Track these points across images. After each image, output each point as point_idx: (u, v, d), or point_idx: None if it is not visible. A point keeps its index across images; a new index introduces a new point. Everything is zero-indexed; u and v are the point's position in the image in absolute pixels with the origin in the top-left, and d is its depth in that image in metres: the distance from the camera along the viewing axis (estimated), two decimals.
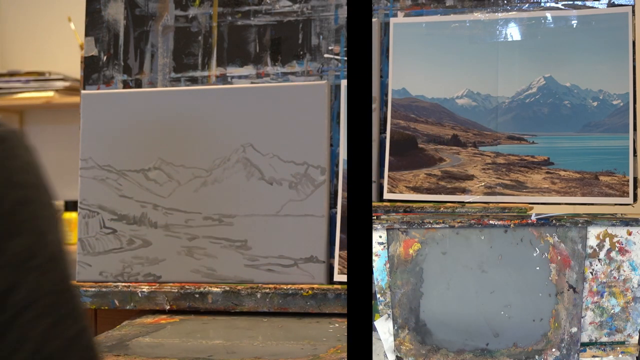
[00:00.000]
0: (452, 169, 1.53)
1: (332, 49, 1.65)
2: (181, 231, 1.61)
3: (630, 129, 1.46)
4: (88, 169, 1.67)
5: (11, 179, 0.72)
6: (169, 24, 1.72)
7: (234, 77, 1.69)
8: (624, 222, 1.25)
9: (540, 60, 1.52)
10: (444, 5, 1.59)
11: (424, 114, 1.57)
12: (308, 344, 1.32)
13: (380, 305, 1.28)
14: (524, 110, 1.53)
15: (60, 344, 0.69)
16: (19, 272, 0.68)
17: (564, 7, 1.53)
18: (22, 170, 0.75)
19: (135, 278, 1.63)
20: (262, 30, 1.68)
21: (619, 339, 1.24)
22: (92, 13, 1.76)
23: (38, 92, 3.73)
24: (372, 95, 1.56)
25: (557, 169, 1.48)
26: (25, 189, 0.74)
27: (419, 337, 1.27)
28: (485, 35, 1.54)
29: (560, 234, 1.25)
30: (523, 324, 1.25)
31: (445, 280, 1.27)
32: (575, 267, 1.24)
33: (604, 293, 1.24)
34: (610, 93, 1.49)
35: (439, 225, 1.27)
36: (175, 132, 1.64)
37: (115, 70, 1.74)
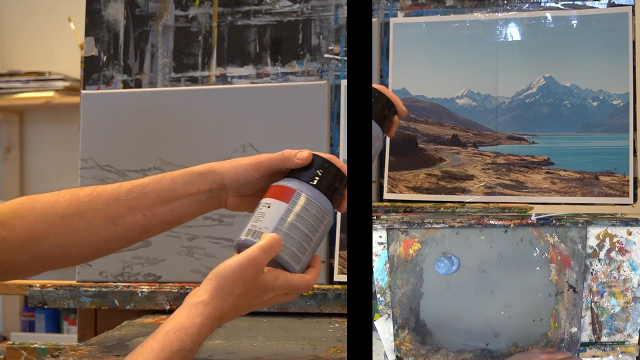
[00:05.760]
0: (452, 169, 1.53)
1: (332, 49, 1.65)
2: (181, 231, 1.61)
3: (630, 129, 1.46)
4: (88, 169, 1.67)
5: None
6: (169, 24, 1.72)
7: (234, 77, 1.69)
8: (624, 222, 1.25)
9: (540, 60, 1.53)
10: (444, 5, 1.59)
11: (424, 114, 1.57)
12: (308, 344, 1.32)
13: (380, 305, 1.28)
14: (524, 110, 1.53)
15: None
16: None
17: (564, 7, 1.53)
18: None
19: (135, 278, 1.63)
20: (262, 30, 1.68)
21: (619, 339, 1.24)
22: (92, 13, 1.76)
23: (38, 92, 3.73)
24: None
25: (557, 169, 1.48)
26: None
27: (419, 337, 1.27)
28: (485, 35, 1.54)
29: (560, 234, 1.25)
30: (523, 324, 1.25)
31: (445, 280, 1.27)
32: (575, 267, 1.24)
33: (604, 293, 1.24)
34: (610, 93, 1.49)
35: (439, 225, 1.27)
36: (175, 132, 1.64)
37: (115, 70, 1.74)
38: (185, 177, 1.15)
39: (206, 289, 1.05)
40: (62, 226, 1.15)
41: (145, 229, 1.16)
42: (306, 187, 1.12)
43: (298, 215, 1.10)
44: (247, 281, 1.05)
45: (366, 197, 1.05)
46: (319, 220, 1.12)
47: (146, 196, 1.15)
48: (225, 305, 1.04)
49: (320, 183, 1.13)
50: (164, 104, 1.66)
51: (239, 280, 1.05)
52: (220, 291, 1.04)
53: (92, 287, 1.60)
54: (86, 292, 1.60)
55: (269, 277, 1.07)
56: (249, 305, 1.08)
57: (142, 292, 1.57)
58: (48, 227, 1.15)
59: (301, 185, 1.12)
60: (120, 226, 1.15)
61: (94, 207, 1.15)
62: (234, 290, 1.05)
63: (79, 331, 1.71)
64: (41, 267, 1.19)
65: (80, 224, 1.15)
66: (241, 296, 1.05)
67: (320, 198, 1.12)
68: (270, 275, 1.08)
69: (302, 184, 1.12)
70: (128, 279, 1.63)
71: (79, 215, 1.15)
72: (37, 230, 1.15)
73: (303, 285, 1.11)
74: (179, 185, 1.15)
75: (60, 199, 1.16)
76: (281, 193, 1.11)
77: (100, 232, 1.15)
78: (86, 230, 1.15)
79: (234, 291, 1.05)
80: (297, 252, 1.10)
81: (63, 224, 1.15)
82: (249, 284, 1.05)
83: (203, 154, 1.62)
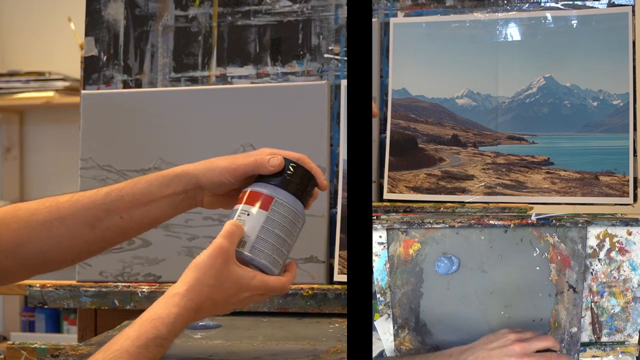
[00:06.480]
0: (452, 169, 1.53)
1: (332, 49, 1.65)
2: (181, 231, 1.61)
3: (630, 129, 1.46)
4: (88, 169, 1.67)
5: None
6: (169, 24, 1.73)
7: (234, 77, 1.69)
8: (624, 222, 1.25)
9: (540, 60, 1.53)
10: (444, 5, 1.59)
11: (424, 114, 1.57)
12: (308, 344, 1.32)
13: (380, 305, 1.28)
14: (524, 110, 1.53)
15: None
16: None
17: (564, 7, 1.53)
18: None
19: (135, 278, 1.63)
20: (262, 30, 1.68)
21: (619, 339, 1.24)
22: (92, 13, 1.76)
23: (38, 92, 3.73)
24: (372, 95, 1.56)
25: (557, 169, 1.48)
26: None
27: (419, 337, 1.27)
28: (485, 35, 1.54)
29: (560, 234, 1.25)
30: (523, 324, 1.25)
31: (445, 280, 1.27)
32: (575, 267, 1.24)
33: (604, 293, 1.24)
34: (610, 93, 1.49)
35: (439, 225, 1.27)
36: (175, 132, 1.64)
37: (115, 70, 1.74)
38: (160, 180, 1.19)
39: (184, 281, 1.09)
40: (44, 232, 1.18)
41: (123, 230, 1.20)
42: (283, 194, 1.16)
43: (277, 222, 1.14)
44: (219, 270, 1.09)
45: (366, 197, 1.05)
46: (294, 224, 1.16)
47: (123, 199, 1.18)
48: (201, 297, 1.08)
49: (295, 188, 1.17)
50: (164, 104, 1.66)
51: (211, 270, 1.09)
52: (197, 283, 1.08)
53: (92, 287, 1.60)
54: (86, 292, 1.60)
55: (246, 275, 1.11)
56: (225, 301, 1.11)
57: (142, 292, 1.57)
58: (31, 233, 1.18)
59: (278, 192, 1.15)
60: (99, 229, 1.19)
61: (73, 212, 1.19)
62: (209, 281, 1.08)
63: (79, 331, 1.71)
64: (27, 272, 1.23)
65: (61, 229, 1.18)
66: (216, 287, 1.09)
67: (295, 203, 1.16)
68: (247, 273, 1.11)
69: (279, 190, 1.16)
70: (128, 279, 1.63)
71: (59, 220, 1.18)
72: (21, 236, 1.18)
73: (279, 287, 1.15)
74: (154, 188, 1.18)
75: (41, 207, 1.20)
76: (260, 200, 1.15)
77: (80, 236, 1.19)
78: (67, 234, 1.19)
79: (209, 282, 1.08)
80: (277, 258, 1.15)
81: (45, 229, 1.18)
82: (222, 274, 1.09)
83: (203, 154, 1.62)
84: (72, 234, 1.18)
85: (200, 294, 1.08)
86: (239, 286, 1.11)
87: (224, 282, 1.09)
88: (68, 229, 1.18)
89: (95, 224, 1.18)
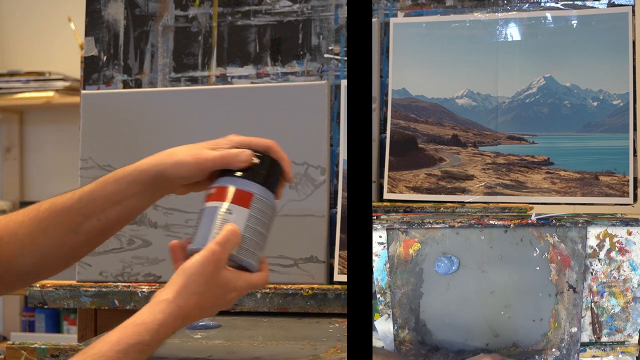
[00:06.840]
0: (452, 169, 1.53)
1: (332, 49, 1.65)
2: (181, 231, 1.61)
3: (630, 129, 1.46)
4: (88, 169, 1.67)
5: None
6: (169, 24, 1.73)
7: (234, 77, 1.69)
8: (624, 222, 1.25)
9: (540, 60, 1.53)
10: (444, 5, 1.59)
11: (424, 114, 1.57)
12: (308, 344, 1.32)
13: (380, 305, 1.28)
14: (524, 110, 1.53)
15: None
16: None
17: (564, 7, 1.53)
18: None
19: (135, 278, 1.63)
20: (262, 30, 1.68)
21: (619, 339, 1.24)
22: (92, 13, 1.76)
23: (38, 92, 3.73)
24: (372, 95, 1.56)
25: (557, 169, 1.48)
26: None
27: (419, 337, 1.27)
28: (485, 35, 1.54)
29: (560, 234, 1.25)
30: (523, 324, 1.25)
31: (445, 280, 1.27)
32: (575, 267, 1.24)
33: (604, 293, 1.24)
34: (610, 93, 1.49)
35: (439, 225, 1.27)
36: (175, 132, 1.64)
37: (115, 70, 1.74)
38: (127, 178, 1.19)
39: (172, 287, 1.07)
40: (31, 246, 1.19)
41: (104, 230, 1.20)
42: (260, 189, 1.14)
43: (258, 219, 1.13)
44: (209, 277, 1.07)
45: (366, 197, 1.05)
46: (271, 218, 1.15)
47: (95, 202, 1.19)
48: (190, 304, 1.06)
49: (269, 181, 1.15)
50: (164, 104, 1.66)
51: (201, 277, 1.07)
52: (185, 289, 1.06)
53: (92, 287, 1.60)
54: (86, 292, 1.60)
55: (231, 276, 1.10)
56: (213, 305, 1.10)
57: (142, 292, 1.57)
58: (21, 246, 1.19)
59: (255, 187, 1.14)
60: (81, 233, 1.19)
61: (53, 221, 1.19)
62: (198, 288, 1.07)
63: (79, 331, 1.71)
64: (24, 282, 1.26)
65: (45, 241, 1.19)
66: (205, 295, 1.07)
67: (270, 196, 1.15)
68: (232, 275, 1.10)
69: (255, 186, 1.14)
70: (128, 279, 1.63)
71: (42, 232, 1.19)
72: (13, 250, 1.20)
73: (261, 283, 1.15)
74: (123, 187, 1.18)
75: (26, 219, 1.20)
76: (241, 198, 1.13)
77: (64, 244, 1.20)
78: (52, 244, 1.19)
79: (198, 289, 1.07)
80: (258, 253, 1.14)
81: (31, 243, 1.19)
82: (212, 281, 1.08)
83: None
84: (56, 243, 1.19)
85: (188, 301, 1.06)
86: (227, 289, 1.10)
87: (213, 287, 1.08)
88: (51, 240, 1.19)
89: (76, 229, 1.19)
